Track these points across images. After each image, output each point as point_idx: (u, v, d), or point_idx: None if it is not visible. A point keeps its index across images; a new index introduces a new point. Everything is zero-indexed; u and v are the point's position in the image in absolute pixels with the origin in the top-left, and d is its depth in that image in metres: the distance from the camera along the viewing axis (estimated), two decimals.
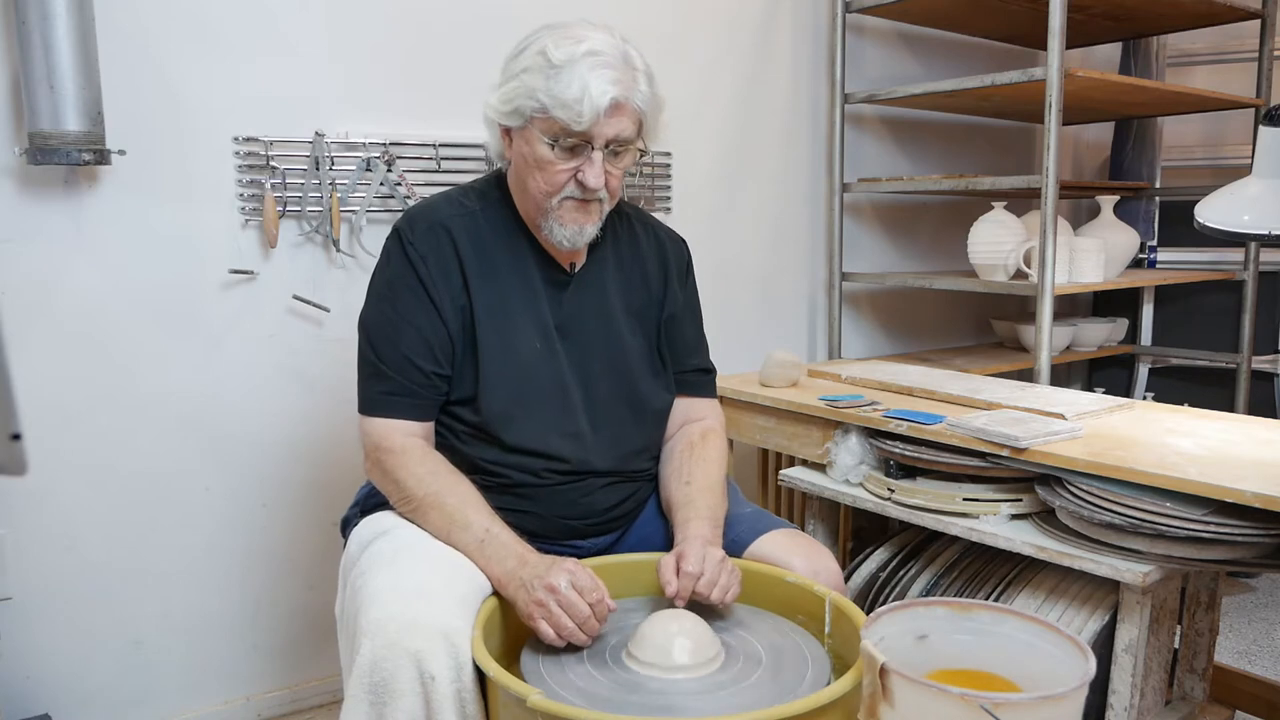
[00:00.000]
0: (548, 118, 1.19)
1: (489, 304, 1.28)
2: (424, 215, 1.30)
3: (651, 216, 1.51)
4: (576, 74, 1.17)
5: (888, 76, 2.74)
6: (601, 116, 1.18)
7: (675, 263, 1.45)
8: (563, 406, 1.30)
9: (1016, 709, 0.82)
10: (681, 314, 1.44)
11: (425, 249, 1.27)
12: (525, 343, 1.29)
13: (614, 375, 1.34)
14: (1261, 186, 1.43)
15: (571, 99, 1.17)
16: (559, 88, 1.17)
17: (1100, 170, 3.31)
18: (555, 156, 1.22)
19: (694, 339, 1.47)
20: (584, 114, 1.17)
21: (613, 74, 1.18)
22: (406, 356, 1.25)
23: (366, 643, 1.06)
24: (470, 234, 1.29)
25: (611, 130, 1.20)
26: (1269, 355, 2.86)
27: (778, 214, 2.61)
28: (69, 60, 1.54)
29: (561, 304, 1.33)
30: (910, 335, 2.98)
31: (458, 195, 1.35)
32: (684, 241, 1.50)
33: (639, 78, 1.23)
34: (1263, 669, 2.13)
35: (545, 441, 1.29)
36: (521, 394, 1.28)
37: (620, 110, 1.20)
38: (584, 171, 1.22)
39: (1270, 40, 2.66)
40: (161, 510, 1.83)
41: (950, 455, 1.57)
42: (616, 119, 1.20)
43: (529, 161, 1.24)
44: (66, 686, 1.77)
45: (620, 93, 1.19)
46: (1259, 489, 1.23)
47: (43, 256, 1.67)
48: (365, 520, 1.29)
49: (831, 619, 1.18)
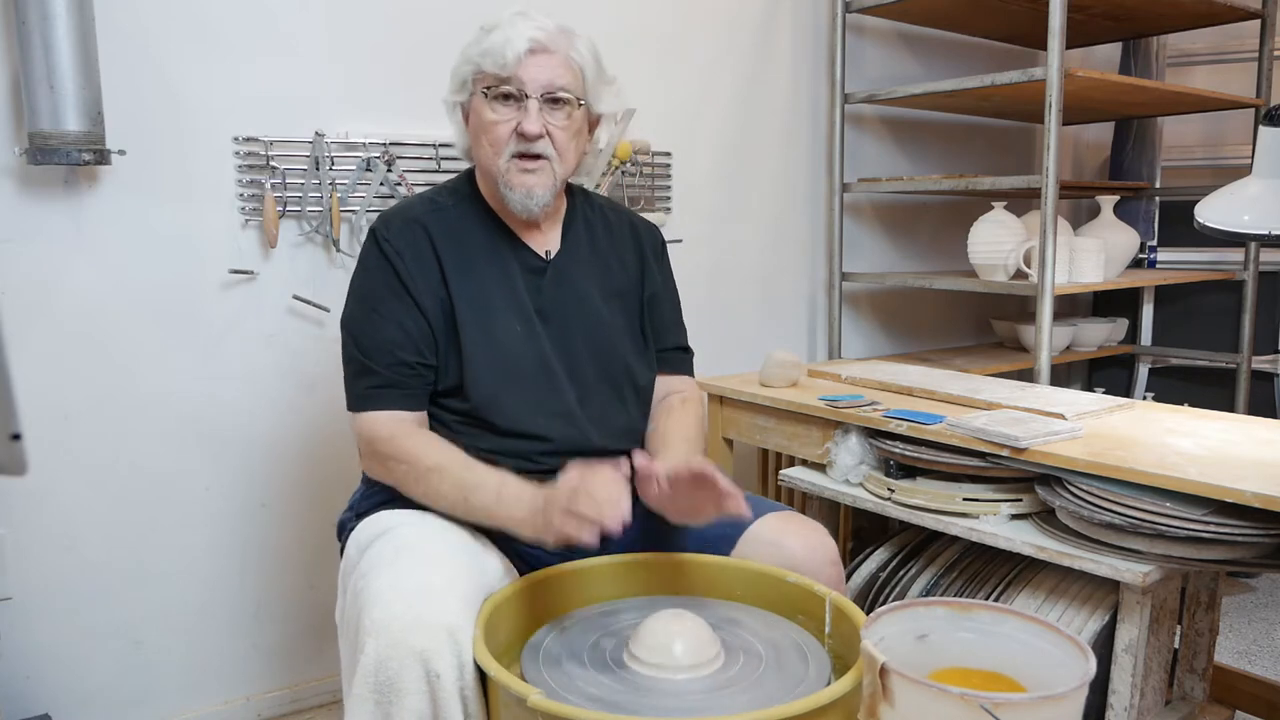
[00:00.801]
0: (480, 74, 1.27)
1: (468, 294, 1.31)
2: (398, 214, 1.34)
3: (623, 206, 1.57)
4: (500, 27, 1.27)
5: (888, 76, 2.74)
6: (524, 57, 1.24)
7: (650, 246, 1.49)
8: (549, 386, 1.33)
9: (1016, 709, 0.82)
10: (660, 294, 1.48)
11: (401, 245, 1.30)
12: (506, 328, 1.32)
13: (597, 355, 1.37)
14: (1261, 186, 1.43)
15: (495, 46, 1.25)
16: (487, 42, 1.26)
17: (1100, 170, 3.31)
18: (495, 113, 1.27)
19: (672, 318, 1.51)
20: (507, 56, 1.24)
21: (535, 24, 1.26)
22: (390, 350, 1.28)
23: (371, 643, 1.06)
24: (445, 228, 1.33)
25: (541, 74, 1.26)
26: (1269, 355, 2.86)
27: (778, 214, 2.61)
28: (69, 60, 1.54)
29: (540, 290, 1.36)
30: (910, 335, 2.98)
31: (430, 194, 1.39)
32: (656, 227, 1.55)
33: (575, 40, 1.30)
34: (1263, 669, 2.13)
35: (535, 422, 1.30)
36: (507, 376, 1.30)
37: (546, 55, 1.26)
38: (522, 123, 1.26)
39: (1270, 40, 2.66)
40: (161, 510, 1.83)
41: (950, 455, 1.57)
42: (544, 63, 1.26)
43: (478, 129, 1.30)
44: (66, 686, 1.77)
45: (541, 37, 1.25)
46: (1259, 489, 1.23)
47: (43, 256, 1.67)
48: (362, 523, 1.29)
49: (831, 619, 1.18)
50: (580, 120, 1.32)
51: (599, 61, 1.33)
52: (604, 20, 2.20)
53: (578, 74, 1.30)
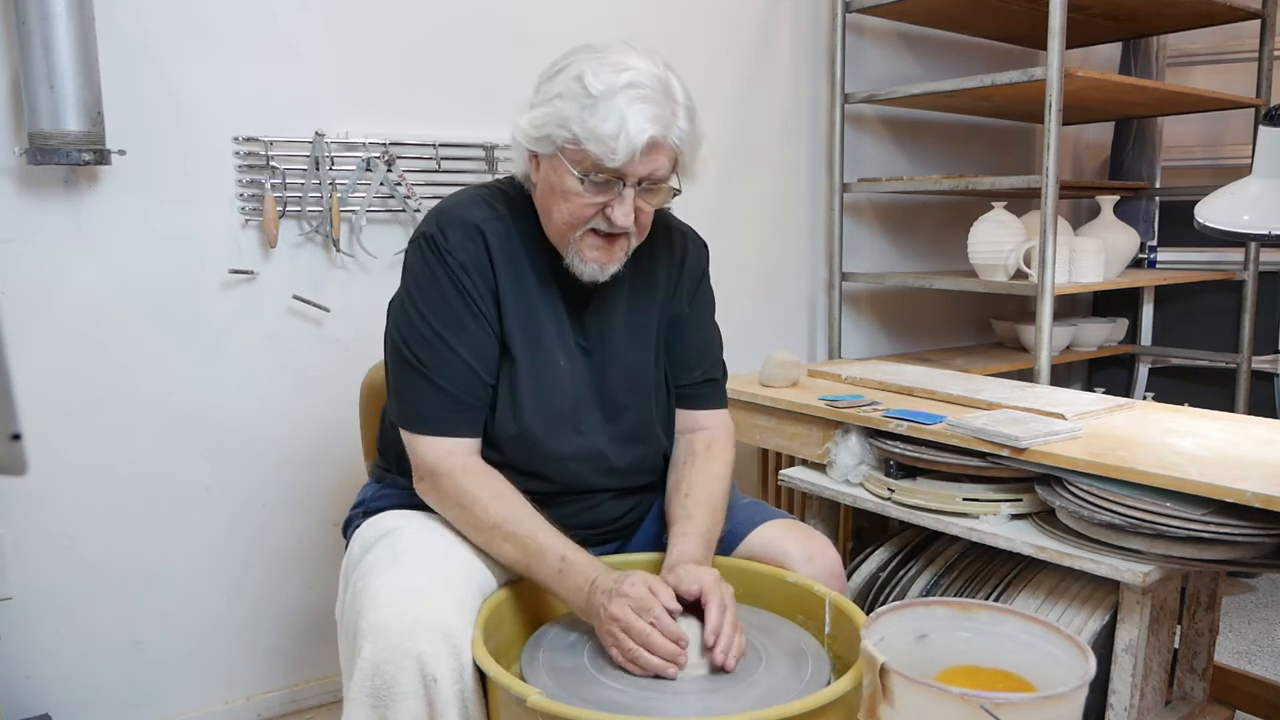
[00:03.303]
0: (580, 149, 1.13)
1: (519, 317, 1.24)
2: (455, 219, 1.22)
3: (674, 218, 1.43)
4: (615, 107, 1.10)
5: (888, 76, 2.74)
6: (638, 156, 1.12)
7: (692, 267, 1.38)
8: (582, 426, 1.27)
9: (1016, 709, 0.82)
10: (692, 319, 1.38)
11: (464, 256, 1.20)
12: (549, 363, 1.25)
13: (630, 394, 1.31)
14: (1261, 186, 1.43)
15: (607, 134, 1.10)
16: (594, 120, 1.11)
17: (1100, 170, 3.31)
18: (584, 190, 1.15)
19: (705, 347, 1.40)
20: (619, 151, 1.11)
21: (652, 109, 1.12)
22: (466, 368, 1.20)
23: (368, 645, 1.05)
24: (502, 241, 1.23)
25: (646, 169, 1.15)
26: (1269, 355, 2.85)
27: (778, 214, 2.61)
28: (69, 60, 1.54)
29: (584, 322, 1.29)
30: (910, 335, 2.98)
31: (486, 197, 1.27)
32: (706, 247, 1.43)
33: (679, 112, 1.16)
34: (1263, 669, 2.13)
35: (562, 466, 1.26)
36: (542, 416, 1.24)
37: (657, 149, 1.14)
38: (612, 207, 1.16)
39: (1270, 40, 2.66)
40: (161, 510, 1.83)
41: (950, 455, 1.57)
42: (652, 157, 1.14)
43: (555, 190, 1.18)
44: (66, 686, 1.77)
45: (659, 131, 1.12)
46: (1259, 489, 1.23)
47: (43, 256, 1.67)
48: (368, 522, 1.28)
49: (831, 619, 1.18)
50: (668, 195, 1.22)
51: (695, 129, 1.20)
52: (604, 20, 2.21)
53: (676, 156, 1.18)
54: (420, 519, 1.25)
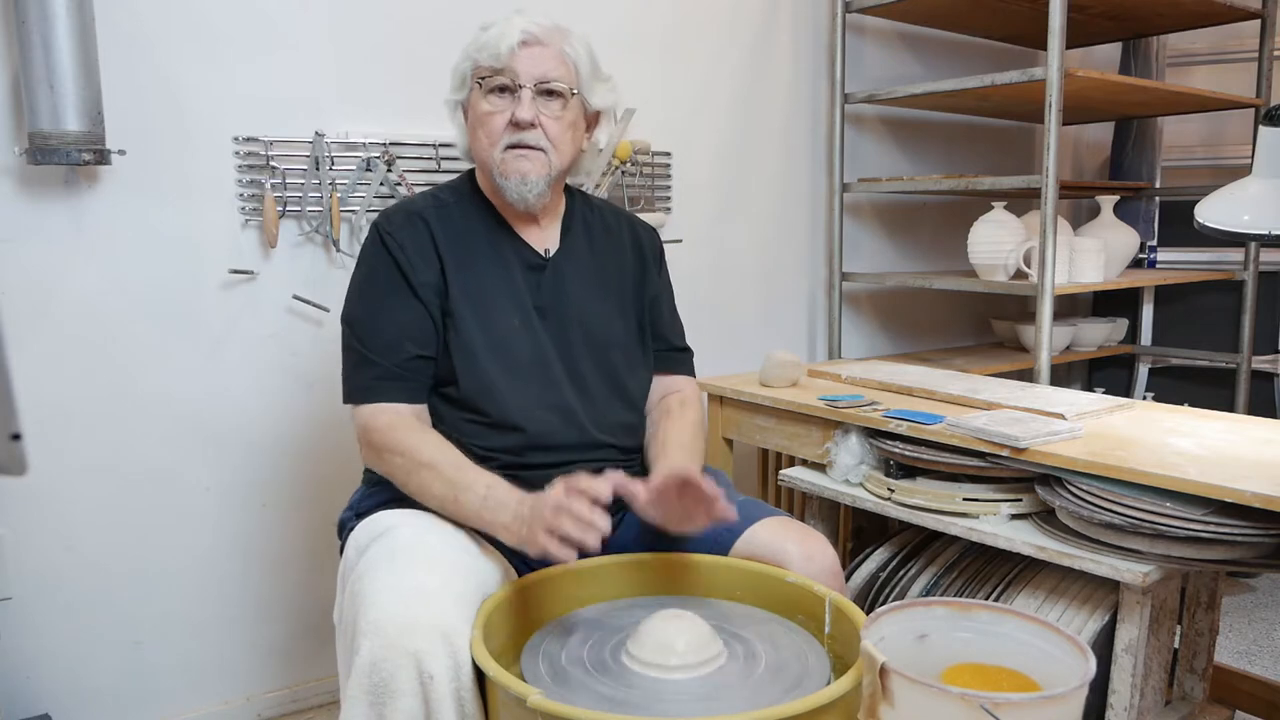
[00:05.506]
0: (477, 67, 1.31)
1: (466, 288, 1.33)
2: (400, 210, 1.36)
3: (622, 209, 1.59)
4: (497, 24, 1.31)
5: (888, 76, 2.74)
6: (517, 49, 1.27)
7: (650, 249, 1.51)
8: (546, 380, 1.34)
9: (1016, 709, 0.82)
10: (660, 296, 1.50)
11: (403, 238, 1.32)
12: (504, 321, 1.33)
13: (595, 353, 1.38)
14: (1261, 186, 1.43)
15: (490, 40, 1.29)
16: (483, 38, 1.30)
17: (1100, 170, 3.31)
18: (489, 105, 1.30)
19: (669, 319, 1.53)
20: (500, 48, 1.27)
21: (529, 18, 1.30)
22: (391, 341, 1.29)
23: (366, 643, 1.06)
24: (446, 223, 1.35)
25: (534, 66, 1.28)
26: (1269, 355, 2.86)
27: (778, 214, 2.61)
28: (69, 60, 1.54)
29: (539, 286, 1.37)
30: (910, 335, 2.98)
31: (432, 192, 1.41)
32: (655, 231, 1.56)
33: (569, 36, 1.33)
34: (1263, 669, 2.13)
35: (531, 415, 1.31)
36: (503, 367, 1.31)
37: (539, 47, 1.29)
38: (515, 112, 1.29)
39: (1270, 40, 2.66)
40: (161, 510, 1.83)
41: (950, 455, 1.57)
42: (537, 55, 1.29)
43: (476, 123, 1.32)
44: (66, 686, 1.77)
45: (535, 30, 1.29)
46: (1259, 489, 1.23)
47: (43, 256, 1.67)
48: (362, 523, 1.29)
49: (831, 619, 1.18)
50: (575, 113, 1.34)
51: (593, 58, 1.36)
52: (604, 20, 2.20)
53: (571, 68, 1.32)
54: (414, 517, 1.25)
